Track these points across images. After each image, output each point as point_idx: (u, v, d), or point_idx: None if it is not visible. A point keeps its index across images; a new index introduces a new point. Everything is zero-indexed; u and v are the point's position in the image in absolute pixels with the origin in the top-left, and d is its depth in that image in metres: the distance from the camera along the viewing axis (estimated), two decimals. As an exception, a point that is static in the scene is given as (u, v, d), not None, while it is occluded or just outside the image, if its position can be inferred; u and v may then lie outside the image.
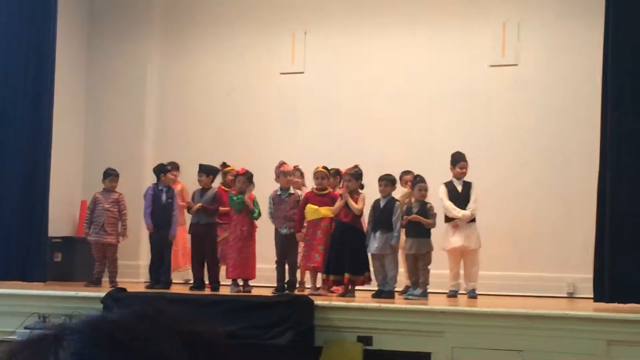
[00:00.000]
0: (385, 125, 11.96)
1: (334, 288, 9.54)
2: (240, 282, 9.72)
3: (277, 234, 9.70)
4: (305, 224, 9.67)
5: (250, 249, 9.71)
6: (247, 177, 9.80)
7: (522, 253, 11.17)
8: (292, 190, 9.81)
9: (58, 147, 10.84)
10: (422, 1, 12.23)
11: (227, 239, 9.88)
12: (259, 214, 9.73)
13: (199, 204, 9.93)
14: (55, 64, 10.52)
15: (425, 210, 9.21)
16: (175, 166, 11.17)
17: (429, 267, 9.16)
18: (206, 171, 10.17)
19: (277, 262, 9.63)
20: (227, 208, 9.97)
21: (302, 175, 10.55)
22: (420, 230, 9.16)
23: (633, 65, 8.30)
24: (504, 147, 11.53)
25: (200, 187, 10.17)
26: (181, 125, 12.98)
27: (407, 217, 9.19)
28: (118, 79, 13.05)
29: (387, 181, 9.38)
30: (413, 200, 9.56)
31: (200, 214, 9.94)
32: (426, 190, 9.36)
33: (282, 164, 9.89)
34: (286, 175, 9.79)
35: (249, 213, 9.64)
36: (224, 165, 10.54)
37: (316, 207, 9.57)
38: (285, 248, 9.62)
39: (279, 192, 9.77)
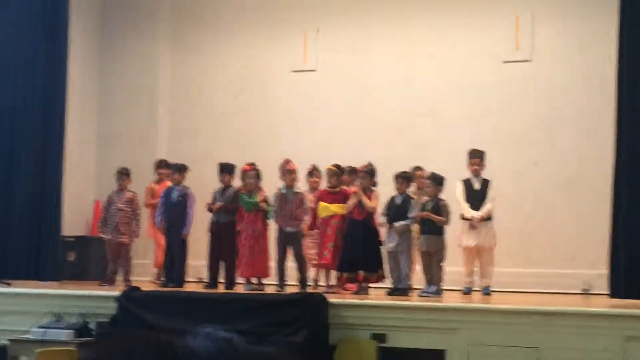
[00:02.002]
0: (396, 122, 11.93)
1: (348, 286, 9.52)
2: (254, 281, 9.72)
3: (280, 232, 9.64)
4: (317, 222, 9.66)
5: (263, 247, 9.72)
6: (256, 173, 9.82)
7: (536, 250, 11.12)
8: (297, 189, 9.76)
9: (71, 147, 10.88)
10: (434, -2, 12.20)
11: (240, 237, 9.87)
12: (273, 213, 9.73)
13: (220, 203, 9.93)
14: (68, 65, 10.55)
15: (439, 208, 9.18)
16: (164, 163, 11.22)
17: (443, 264, 9.12)
18: (228, 170, 10.18)
19: (278, 260, 9.58)
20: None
21: (320, 175, 10.48)
22: (433, 228, 9.13)
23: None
24: (518, 144, 11.48)
25: (222, 186, 10.16)
26: (193, 124, 12.99)
27: (419, 214, 9.16)
28: (129, 79, 13.07)
29: (402, 178, 9.36)
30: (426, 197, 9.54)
31: (220, 213, 9.95)
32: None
33: (287, 161, 9.84)
34: (291, 173, 9.73)
35: (264, 213, 9.66)
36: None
37: (327, 204, 9.55)
38: (289, 246, 9.57)
39: (283, 191, 9.70)
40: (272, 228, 9.89)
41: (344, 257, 9.19)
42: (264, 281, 9.83)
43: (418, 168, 10.14)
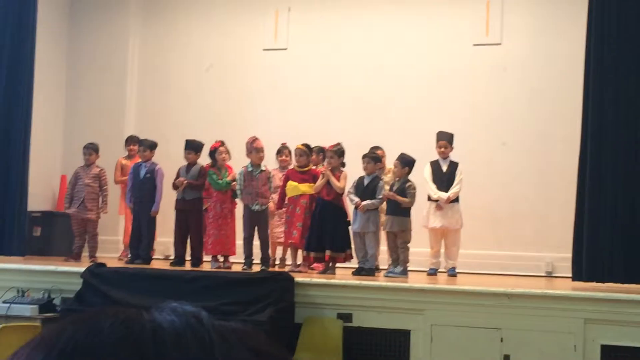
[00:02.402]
0: (367, 103, 11.95)
1: (315, 265, 9.56)
2: (221, 259, 9.73)
3: (247, 210, 9.60)
4: (285, 201, 9.67)
5: (230, 225, 9.73)
6: (226, 149, 9.83)
7: (501, 232, 11.23)
8: (263, 167, 9.74)
9: (38, 122, 10.77)
10: (406, -21, 12.19)
11: (208, 215, 9.86)
12: (226, 186, 9.74)
13: (185, 180, 9.90)
14: (36, 37, 10.42)
15: (404, 189, 9.22)
16: (134, 139, 11.18)
17: (408, 245, 9.18)
18: (194, 148, 10.13)
19: (245, 238, 9.57)
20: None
21: (289, 153, 10.51)
22: (399, 208, 9.17)
23: (616, 45, 8.32)
24: (486, 127, 11.56)
25: (187, 163, 10.14)
26: (162, 100, 12.92)
27: (384, 194, 9.20)
28: (99, 53, 12.95)
29: (370, 159, 9.39)
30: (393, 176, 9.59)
31: (186, 190, 9.92)
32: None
33: (254, 139, 9.80)
34: (259, 151, 9.71)
35: (233, 193, 9.66)
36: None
37: (296, 183, 9.57)
38: (256, 224, 9.58)
39: (250, 169, 9.66)
40: (239, 206, 9.88)
41: (311, 236, 9.22)
42: (231, 259, 9.84)
43: (377, 148, 10.11)
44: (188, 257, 9.96)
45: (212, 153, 9.87)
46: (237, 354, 0.81)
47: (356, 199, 9.17)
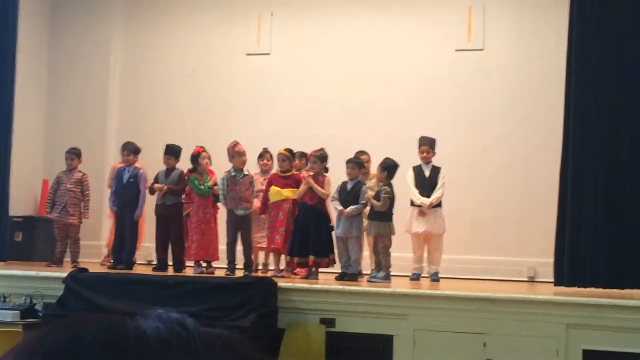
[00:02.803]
0: (350, 108, 11.96)
1: (298, 270, 9.56)
2: (204, 264, 9.70)
3: (231, 215, 9.57)
4: (268, 206, 9.67)
5: (213, 230, 9.71)
6: (208, 154, 9.82)
7: (483, 237, 11.26)
8: (245, 171, 9.73)
9: (19, 126, 10.70)
10: (389, -16, 12.22)
11: (190, 221, 9.83)
12: (208, 192, 9.71)
13: (164, 186, 9.87)
14: (17, 42, 10.36)
15: (378, 193, 9.24)
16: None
17: (389, 250, 9.18)
18: (174, 153, 10.10)
19: (228, 243, 9.54)
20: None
21: (271, 158, 10.50)
22: (379, 213, 9.18)
23: (597, 50, 8.38)
24: (468, 132, 11.60)
25: (166, 168, 10.11)
26: (144, 105, 12.87)
27: (367, 198, 9.20)
28: (80, 58, 12.89)
29: (354, 164, 9.39)
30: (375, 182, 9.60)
31: (166, 195, 9.89)
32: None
33: (235, 143, 9.79)
34: (241, 155, 9.69)
35: (215, 198, 9.65)
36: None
37: (278, 189, 9.56)
38: (240, 229, 9.56)
39: (232, 173, 9.65)
40: (222, 211, 9.86)
41: (294, 241, 9.21)
42: (214, 264, 9.81)
43: (362, 152, 10.13)
44: (170, 262, 9.92)
45: (195, 158, 9.83)
46: (221, 359, 0.81)
47: (340, 207, 9.16)
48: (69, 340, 0.80)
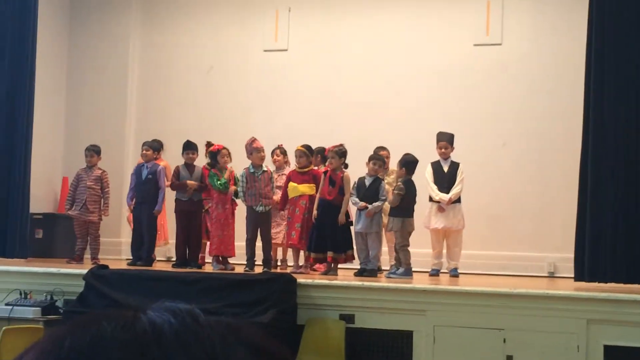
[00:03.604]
0: (367, 104, 11.95)
1: (317, 266, 9.56)
2: (222, 259, 9.71)
3: (250, 211, 9.57)
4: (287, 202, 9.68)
5: (231, 226, 9.72)
6: (228, 151, 9.84)
7: (503, 232, 11.22)
8: (264, 168, 9.73)
9: (39, 124, 10.77)
10: (407, -20, 12.19)
11: (210, 217, 9.85)
12: (225, 188, 9.72)
13: (196, 183, 9.91)
14: (37, 41, 10.42)
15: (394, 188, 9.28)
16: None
17: (406, 246, 9.16)
18: (195, 148, 10.17)
19: (248, 239, 9.54)
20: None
21: (285, 153, 10.52)
22: (397, 209, 9.18)
23: (617, 46, 8.32)
24: (487, 127, 11.55)
25: (187, 163, 10.16)
26: (163, 102, 12.92)
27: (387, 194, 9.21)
28: (99, 56, 12.95)
29: (379, 160, 9.39)
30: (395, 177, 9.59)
31: (194, 192, 9.95)
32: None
33: (253, 140, 9.78)
34: (259, 151, 9.69)
35: (234, 194, 9.67)
36: (209, 144, 10.30)
37: (295, 184, 9.56)
38: (260, 225, 9.57)
39: (251, 170, 9.64)
40: (241, 207, 9.88)
41: (312, 237, 9.21)
42: (233, 261, 9.83)
43: (382, 148, 10.11)
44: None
45: (214, 155, 9.85)
46: (235, 350, 0.81)
47: (360, 203, 9.13)
48: (88, 342, 0.80)
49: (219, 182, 9.64)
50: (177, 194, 10.09)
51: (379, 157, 9.43)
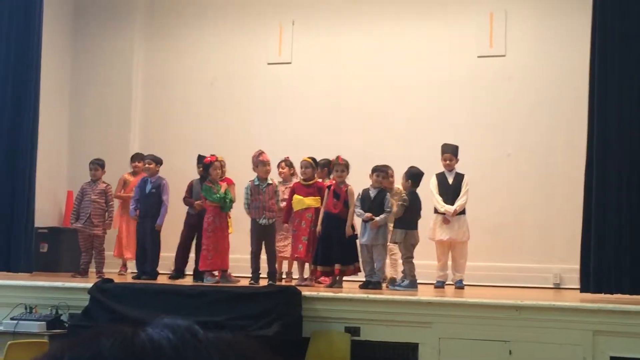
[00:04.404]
0: (371, 116, 11.96)
1: (322, 279, 9.55)
2: (217, 273, 9.67)
3: (254, 224, 9.57)
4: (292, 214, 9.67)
5: (227, 239, 9.67)
6: (220, 164, 9.80)
7: (507, 243, 11.21)
8: (269, 180, 9.73)
9: (43, 138, 10.78)
10: (410, -8, 12.23)
11: (205, 230, 9.75)
12: (230, 205, 9.68)
13: (200, 202, 9.89)
14: (41, 54, 10.45)
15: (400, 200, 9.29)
16: (140, 157, 11.20)
17: (410, 258, 9.15)
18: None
19: (252, 252, 9.54)
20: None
21: (291, 166, 10.52)
22: (401, 221, 9.18)
23: (620, 56, 8.32)
24: (491, 138, 11.56)
25: (199, 177, 10.16)
26: (167, 116, 12.94)
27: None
28: (103, 69, 12.99)
29: (383, 172, 9.39)
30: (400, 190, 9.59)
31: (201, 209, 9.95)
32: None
33: (260, 152, 9.79)
34: (265, 164, 9.70)
35: (222, 208, 9.59)
36: (200, 158, 10.29)
37: (301, 197, 9.56)
38: (264, 238, 9.56)
39: (256, 183, 9.64)
40: (244, 220, 9.85)
41: (318, 250, 9.20)
42: (237, 274, 9.81)
43: (387, 167, 10.04)
44: (189, 271, 9.96)
45: (207, 167, 9.83)
46: None
47: (365, 214, 9.11)
48: (87, 359, 0.80)
49: (216, 195, 9.58)
50: (189, 209, 10.13)
51: (382, 169, 9.43)
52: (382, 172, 9.37)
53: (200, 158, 10.19)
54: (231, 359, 0.82)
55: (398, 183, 9.88)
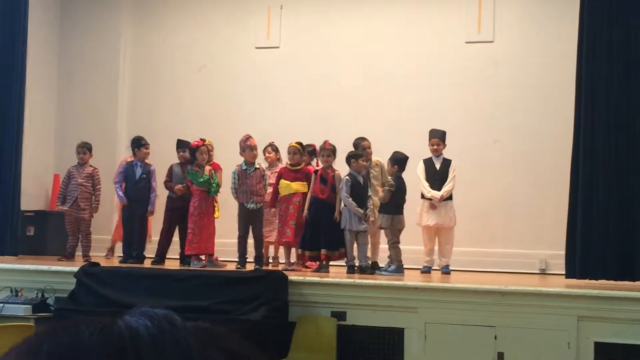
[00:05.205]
0: (359, 101, 11.96)
1: (308, 263, 9.57)
2: (203, 257, 9.67)
3: (242, 208, 9.57)
4: (279, 199, 9.67)
5: (213, 223, 9.67)
6: (207, 148, 9.78)
7: (495, 230, 11.25)
8: (257, 165, 9.73)
9: (29, 121, 10.75)
10: (398, -23, 12.20)
11: (191, 214, 9.74)
12: (216, 190, 9.67)
13: (182, 187, 9.84)
14: (28, 36, 10.39)
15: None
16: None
17: (396, 243, 9.17)
18: (187, 146, 10.10)
19: (240, 236, 9.54)
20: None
21: (277, 151, 10.52)
22: (386, 206, 9.20)
23: (607, 42, 8.34)
24: (478, 123, 11.58)
25: (179, 161, 10.13)
26: (154, 99, 12.90)
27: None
28: (90, 52, 12.92)
29: (357, 156, 9.37)
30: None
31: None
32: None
33: (248, 137, 9.79)
34: (252, 149, 9.69)
35: (207, 191, 9.58)
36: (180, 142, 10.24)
37: (288, 182, 9.56)
38: (251, 223, 9.56)
39: (244, 167, 9.64)
40: (231, 205, 9.86)
41: (306, 235, 9.21)
42: (224, 258, 9.82)
43: (363, 139, 10.01)
44: (174, 255, 9.95)
45: (193, 151, 9.81)
46: (212, 354, 0.82)
47: (360, 211, 9.03)
48: (66, 346, 0.80)
49: (201, 179, 9.57)
50: (168, 192, 10.09)
51: (357, 155, 9.34)
52: (355, 158, 9.26)
53: (180, 142, 10.16)
54: (208, 347, 0.82)
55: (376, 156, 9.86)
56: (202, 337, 0.83)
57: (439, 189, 9.80)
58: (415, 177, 9.79)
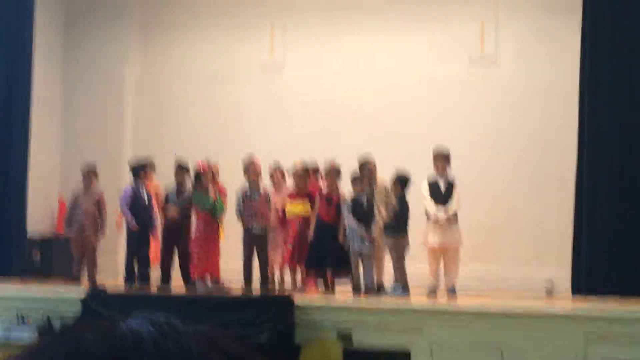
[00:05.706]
0: (363, 119, 11.97)
1: (311, 283, 9.54)
2: (208, 279, 9.66)
3: (247, 232, 9.60)
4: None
5: (218, 246, 9.67)
6: (213, 174, 9.80)
7: (499, 246, 11.21)
8: (261, 190, 9.74)
9: (35, 142, 10.73)
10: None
11: (195, 237, 9.74)
12: (221, 212, 9.68)
13: (177, 211, 9.83)
14: (33, 58, 10.40)
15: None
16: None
17: (402, 263, 9.15)
18: (186, 169, 10.10)
19: (245, 259, 9.55)
20: None
21: (283, 175, 10.40)
22: (390, 227, 9.19)
23: (609, 61, 8.37)
24: (482, 141, 11.57)
25: (177, 186, 10.11)
26: (159, 120, 12.92)
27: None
28: (96, 73, 12.94)
29: (361, 179, 9.38)
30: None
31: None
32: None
33: (252, 160, 9.82)
34: (256, 169, 9.73)
35: (212, 213, 9.59)
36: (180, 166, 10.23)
37: (293, 205, 9.56)
38: (256, 245, 9.57)
39: (248, 190, 9.68)
40: (235, 228, 9.85)
41: (310, 256, 9.20)
42: (230, 281, 9.81)
43: (368, 160, 9.93)
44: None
45: (198, 175, 9.83)
46: (212, 358, 0.83)
47: (363, 231, 9.04)
48: (69, 351, 0.82)
49: (206, 203, 9.56)
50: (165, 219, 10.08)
51: (361, 177, 9.35)
52: (363, 179, 9.28)
53: (180, 167, 10.13)
54: (208, 350, 0.84)
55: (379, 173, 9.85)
56: (203, 341, 0.85)
57: (443, 210, 9.77)
58: (419, 195, 9.77)
